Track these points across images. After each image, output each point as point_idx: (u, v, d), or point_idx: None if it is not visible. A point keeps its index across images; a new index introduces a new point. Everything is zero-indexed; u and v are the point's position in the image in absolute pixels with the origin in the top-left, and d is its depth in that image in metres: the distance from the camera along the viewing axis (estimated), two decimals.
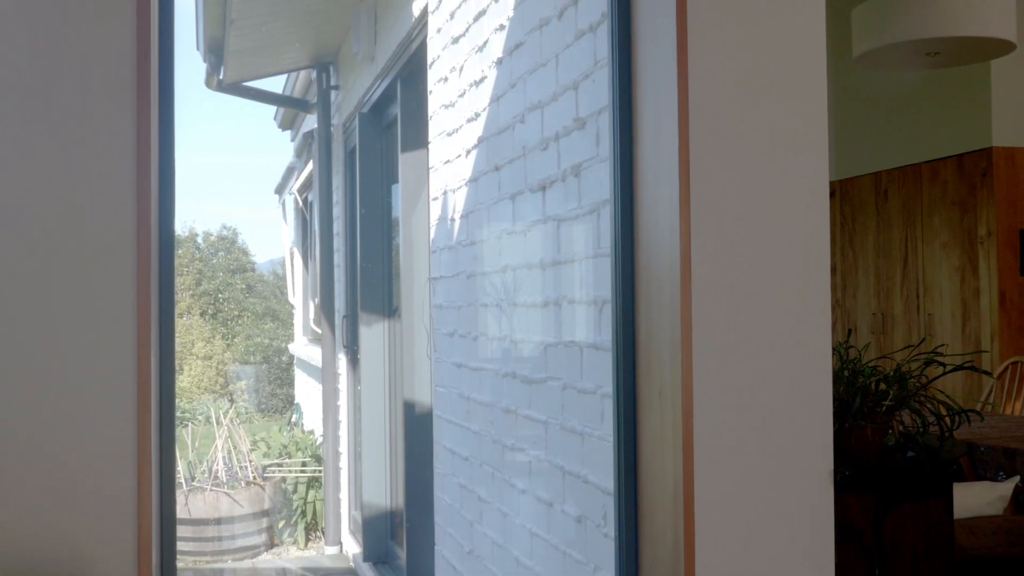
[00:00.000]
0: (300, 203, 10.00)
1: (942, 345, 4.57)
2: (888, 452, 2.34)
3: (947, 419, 2.30)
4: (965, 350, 6.89)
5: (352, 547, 6.23)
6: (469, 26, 3.50)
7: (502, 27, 3.15)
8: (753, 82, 2.01)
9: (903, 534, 2.15)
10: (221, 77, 6.47)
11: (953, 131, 7.14)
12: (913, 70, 4.87)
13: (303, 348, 10.11)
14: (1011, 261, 6.77)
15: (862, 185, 8.05)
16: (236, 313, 16.50)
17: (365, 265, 5.66)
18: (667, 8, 2.01)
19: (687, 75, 1.96)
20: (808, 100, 2.05)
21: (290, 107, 8.23)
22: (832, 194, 8.34)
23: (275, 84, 7.91)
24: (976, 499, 3.14)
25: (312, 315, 8.96)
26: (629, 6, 2.22)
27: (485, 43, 3.32)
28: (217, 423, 7.77)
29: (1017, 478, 3.85)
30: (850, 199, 8.17)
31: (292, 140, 10.39)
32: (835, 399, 2.25)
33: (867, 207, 7.98)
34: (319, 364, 7.12)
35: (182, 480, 7.30)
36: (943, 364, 2.37)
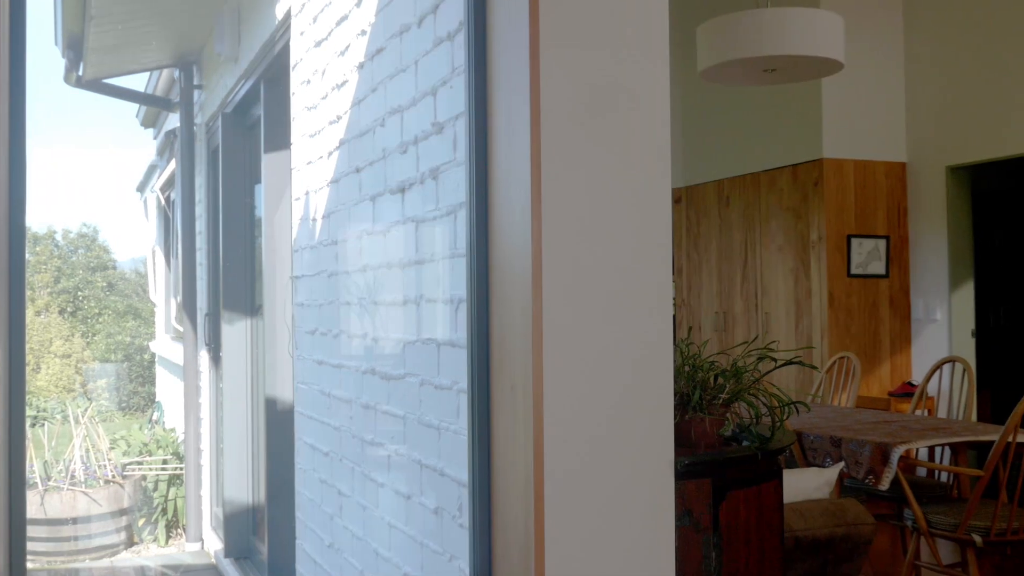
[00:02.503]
0: (162, 201, 9.69)
1: (774, 342, 4.75)
2: (724, 441, 2.42)
3: (778, 410, 2.39)
4: (798, 346, 7.18)
5: (214, 543, 6.08)
6: (332, 30, 3.45)
7: (364, 32, 3.13)
8: (601, 92, 2.05)
9: (737, 517, 2.23)
10: (81, 74, 6.22)
11: (788, 143, 7.44)
12: (752, 85, 5.04)
13: (165, 346, 9.80)
14: (839, 264, 7.10)
15: (706, 192, 8.29)
16: (96, 311, 15.86)
17: (227, 264, 5.53)
18: (521, 20, 2.03)
19: (539, 84, 1.99)
20: (653, 110, 2.10)
21: (152, 105, 7.96)
22: (677, 200, 8.57)
23: (138, 82, 7.64)
24: (805, 484, 3.27)
25: (174, 313, 8.69)
26: (485, 16, 2.24)
27: (347, 47, 3.29)
28: (75, 422, 7.46)
29: (842, 464, 4.04)
30: (695, 205, 8.41)
31: (155, 138, 10.07)
32: (676, 393, 2.32)
33: (710, 213, 8.23)
34: (181, 362, 6.91)
35: (37, 480, 6.97)
36: (775, 359, 2.47)
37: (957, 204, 7.06)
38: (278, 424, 4.58)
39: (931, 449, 4.90)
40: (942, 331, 7.05)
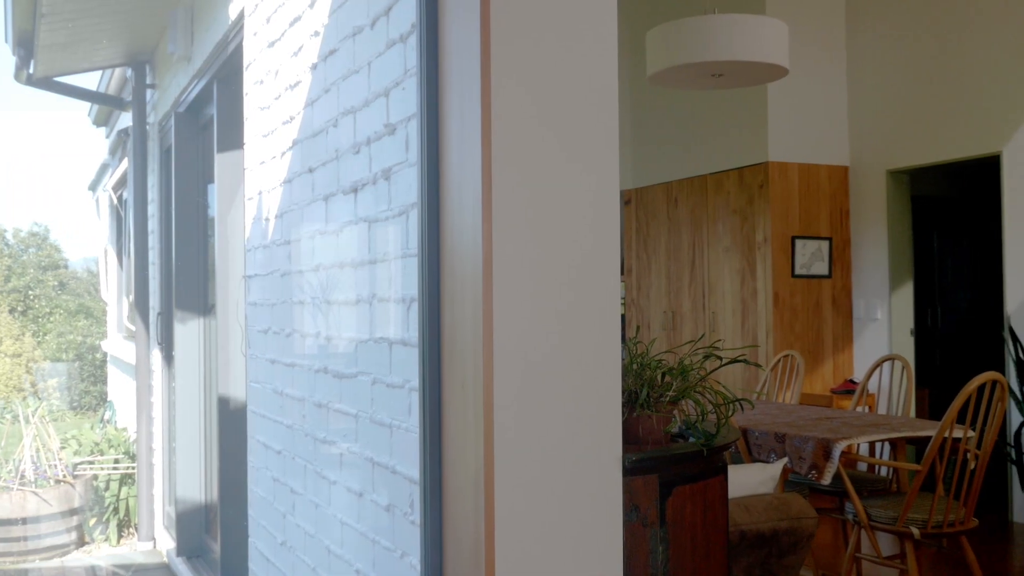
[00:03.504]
0: (114, 200, 9.55)
1: (719, 340, 4.79)
2: (671, 438, 2.44)
3: (723, 408, 2.41)
4: (744, 344, 7.26)
5: (166, 542, 6.00)
6: (285, 31, 3.42)
7: (317, 33, 3.11)
8: (552, 95, 2.05)
9: (683, 512, 2.25)
10: (32, 71, 6.11)
11: (735, 146, 7.51)
12: (700, 89, 5.09)
13: (117, 345, 9.66)
14: (784, 265, 7.18)
15: (655, 194, 8.35)
16: (47, 310, 15.58)
17: (180, 263, 5.46)
18: (472, 23, 2.03)
19: (490, 87, 1.99)
20: (602, 113, 2.11)
21: (104, 104, 7.84)
22: (628, 202, 8.62)
23: (90, 80, 7.52)
24: (750, 479, 3.31)
25: (126, 312, 8.56)
26: (437, 19, 2.23)
27: (300, 48, 3.26)
28: (25, 421, 7.32)
29: (786, 459, 4.09)
30: (644, 206, 8.47)
31: (107, 137, 9.92)
32: (624, 390, 2.33)
33: (659, 214, 8.29)
34: (133, 361, 6.82)
35: None
36: (720, 358, 2.49)
37: (897, 207, 7.18)
38: (231, 423, 4.53)
39: (871, 445, 4.98)
40: (882, 330, 7.17)
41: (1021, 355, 5.86)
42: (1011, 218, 6.23)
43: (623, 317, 8.67)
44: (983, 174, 8.03)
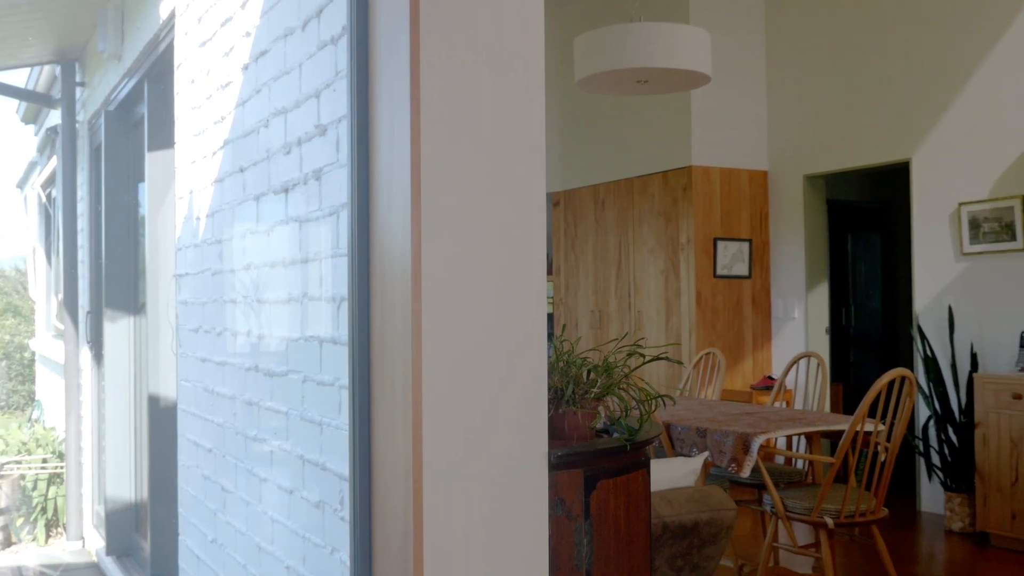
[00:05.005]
0: (43, 198, 9.29)
1: (642, 338, 4.83)
2: (596, 434, 2.46)
3: (645, 404, 2.44)
4: (669, 342, 7.34)
5: (95, 542, 5.86)
6: (216, 31, 3.37)
7: (248, 34, 3.06)
8: (480, 98, 2.05)
9: (607, 505, 2.27)
10: None
11: (660, 151, 7.60)
12: (626, 95, 5.14)
13: (45, 344, 9.40)
14: (706, 265, 7.28)
15: (583, 196, 8.40)
16: None
17: (110, 262, 5.34)
18: (402, 27, 2.02)
19: (420, 90, 1.98)
20: (529, 116, 2.11)
21: (33, 102, 7.63)
22: (556, 203, 8.66)
23: (18, 77, 7.31)
24: (673, 472, 3.35)
25: (55, 311, 8.34)
26: (368, 22, 2.22)
27: (232, 49, 3.21)
28: None
29: (707, 453, 4.15)
30: (572, 208, 8.52)
31: (35, 135, 9.65)
32: (550, 388, 2.34)
33: (587, 216, 8.34)
34: (62, 360, 6.64)
35: None
36: (643, 355, 2.52)
37: (813, 210, 7.33)
38: (161, 421, 4.44)
39: (788, 438, 5.08)
40: (799, 328, 7.32)
41: (929, 352, 6.03)
42: (919, 221, 6.41)
43: (551, 316, 8.70)
44: (894, 179, 8.24)
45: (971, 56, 6.11)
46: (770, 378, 7.34)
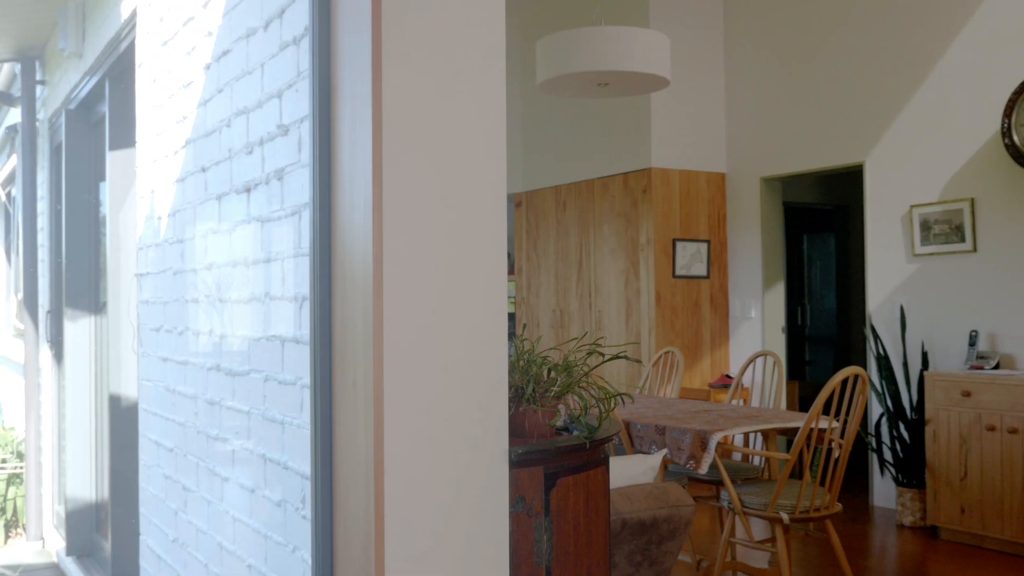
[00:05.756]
0: (2, 197, 9.14)
1: (601, 337, 4.85)
2: (556, 431, 2.46)
3: (605, 402, 2.45)
4: (628, 341, 7.37)
5: (56, 542, 5.77)
6: (178, 31, 3.33)
7: (210, 34, 3.03)
8: (441, 100, 2.05)
9: (567, 502, 2.27)
10: None
11: (620, 152, 7.63)
12: (587, 97, 5.15)
13: (5, 344, 9.25)
14: (666, 265, 7.32)
15: (544, 197, 8.42)
16: None
17: (70, 261, 5.26)
18: (364, 28, 2.01)
19: (382, 90, 1.97)
20: (490, 117, 2.11)
21: None
22: (518, 204, 8.66)
23: None
24: (632, 469, 3.36)
25: (15, 310, 8.21)
26: (330, 23, 2.21)
27: (194, 48, 3.18)
28: None
29: (665, 450, 4.17)
30: (534, 209, 8.53)
31: None
32: (511, 386, 2.34)
33: (549, 216, 8.36)
34: (22, 360, 6.53)
35: None
36: (603, 354, 2.53)
37: (770, 212, 7.40)
38: (122, 421, 4.39)
39: (745, 435, 5.12)
40: (756, 328, 7.38)
41: (881, 351, 6.11)
42: (872, 224, 6.49)
43: (513, 315, 8.71)
44: (848, 182, 8.35)
45: (922, 63, 6.20)
46: (728, 376, 7.40)
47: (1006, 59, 5.69)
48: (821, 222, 9.08)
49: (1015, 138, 5.41)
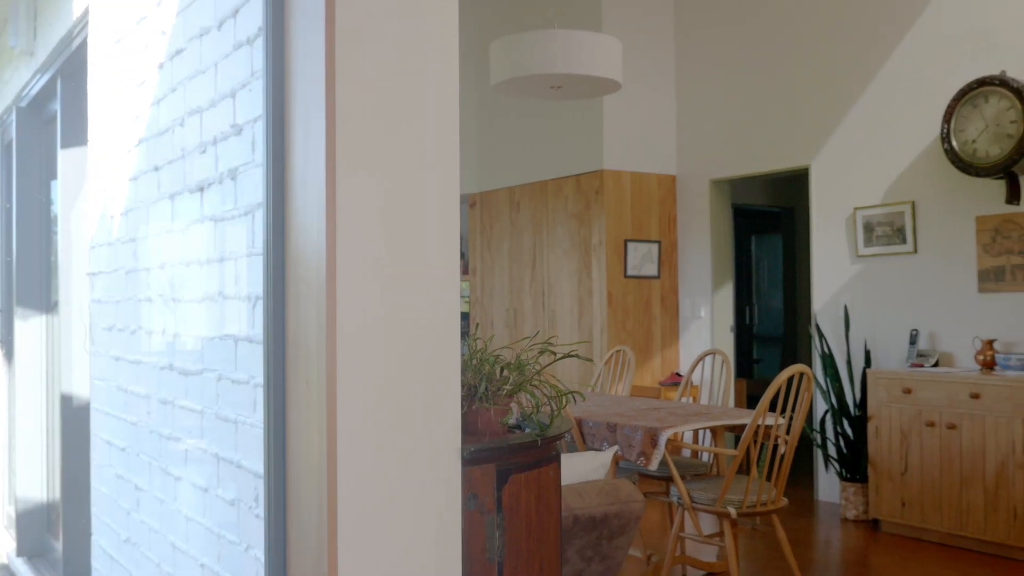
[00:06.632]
0: None
1: (552, 336, 4.86)
2: (508, 429, 2.46)
3: (556, 400, 2.45)
4: (581, 340, 7.40)
5: (6, 543, 5.65)
6: (131, 29, 3.28)
7: (164, 33, 2.99)
8: (395, 100, 2.04)
9: (519, 499, 2.27)
10: None
11: (573, 154, 7.65)
12: (541, 100, 5.16)
13: None
14: (617, 266, 7.36)
15: (498, 198, 8.42)
16: None
17: (21, 259, 5.15)
18: (317, 29, 2.00)
19: (335, 91, 1.96)
20: (443, 118, 2.11)
21: None
22: (472, 205, 8.65)
23: None
24: (583, 466, 3.37)
25: None
26: (283, 23, 2.19)
27: (147, 47, 3.13)
28: None
29: (616, 447, 4.20)
30: (488, 210, 8.53)
31: None
32: (464, 385, 2.34)
33: (502, 217, 8.36)
34: None
35: None
36: (554, 353, 2.53)
37: (719, 214, 7.48)
38: (73, 420, 4.31)
39: (695, 432, 5.16)
40: (705, 327, 7.45)
41: (826, 350, 6.19)
42: (818, 225, 6.58)
43: (467, 315, 8.70)
44: (795, 185, 8.46)
45: (865, 71, 6.30)
46: (677, 374, 7.46)
47: (946, 67, 5.81)
48: (768, 224, 9.19)
49: (954, 143, 5.52)
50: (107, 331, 3.59)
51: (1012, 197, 5.37)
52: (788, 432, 4.18)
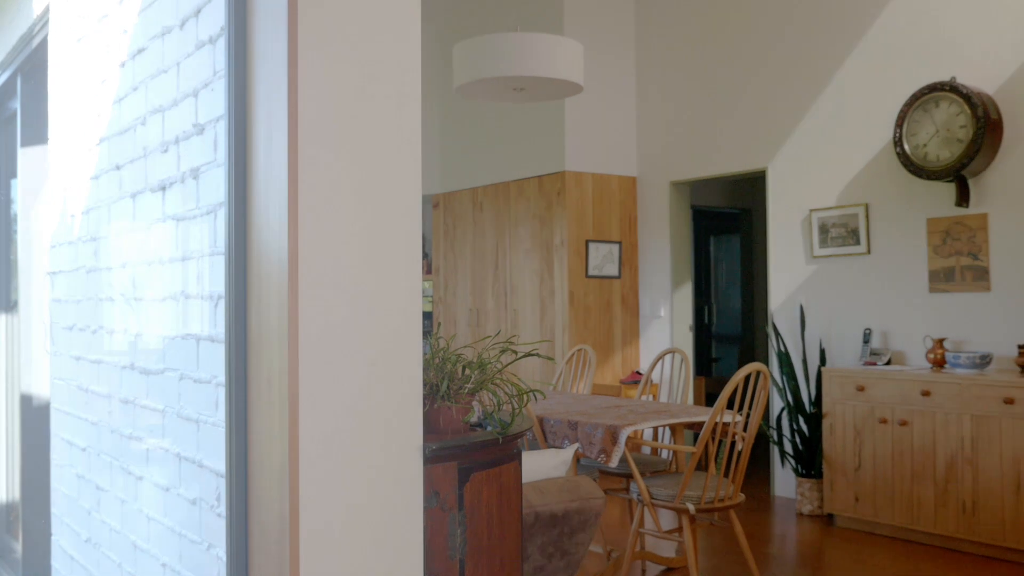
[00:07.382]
0: None
1: (514, 336, 4.86)
2: (470, 427, 2.46)
3: (517, 398, 2.46)
4: (543, 339, 7.40)
5: None
6: (93, 27, 3.23)
7: (125, 31, 2.95)
8: (357, 101, 2.03)
9: (480, 496, 2.27)
10: None
11: (535, 156, 7.67)
12: (503, 102, 5.16)
13: None
14: (579, 266, 7.39)
15: (461, 198, 8.41)
16: None
17: None
18: (280, 29, 1.98)
19: (297, 92, 1.95)
20: (405, 120, 2.10)
21: None
22: (436, 205, 8.64)
23: None
24: (544, 463, 3.38)
25: None
26: (246, 23, 2.17)
27: (108, 45, 3.09)
28: None
29: (577, 445, 4.21)
30: (451, 210, 8.51)
31: None
32: (426, 383, 2.33)
33: (465, 218, 8.35)
34: None
35: None
36: (515, 351, 2.54)
37: (678, 215, 7.52)
38: (33, 420, 4.24)
39: (655, 430, 5.19)
40: (665, 326, 7.50)
41: (782, 348, 6.26)
42: (775, 226, 6.65)
43: (430, 314, 8.68)
44: (752, 187, 8.54)
45: (820, 75, 6.38)
46: (638, 373, 7.50)
47: (898, 72, 5.89)
48: (727, 225, 9.27)
49: (906, 147, 5.60)
50: (67, 330, 3.54)
51: (962, 200, 5.47)
52: (745, 429, 4.22)
